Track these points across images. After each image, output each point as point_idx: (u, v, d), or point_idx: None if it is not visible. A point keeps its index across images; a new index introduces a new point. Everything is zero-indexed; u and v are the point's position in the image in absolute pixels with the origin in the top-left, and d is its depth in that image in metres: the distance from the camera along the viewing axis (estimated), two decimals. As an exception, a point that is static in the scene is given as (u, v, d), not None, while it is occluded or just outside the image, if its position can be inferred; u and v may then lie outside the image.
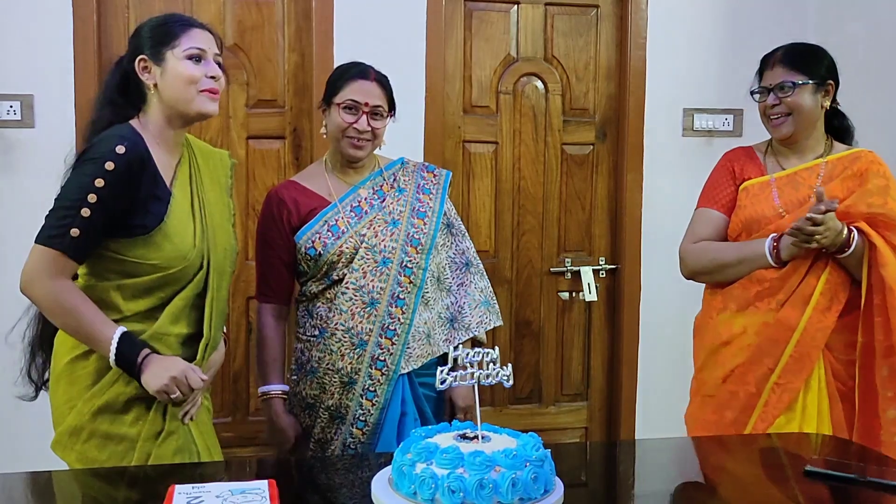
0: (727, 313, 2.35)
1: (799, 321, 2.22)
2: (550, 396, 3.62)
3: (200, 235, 1.94)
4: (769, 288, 2.27)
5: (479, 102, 3.43)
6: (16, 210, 2.97)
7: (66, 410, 1.89)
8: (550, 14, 3.47)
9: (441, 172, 2.43)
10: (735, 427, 2.28)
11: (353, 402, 2.22)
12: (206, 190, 2.01)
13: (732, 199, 2.42)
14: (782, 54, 2.35)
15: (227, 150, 3.11)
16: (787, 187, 2.34)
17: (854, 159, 2.31)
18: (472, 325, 2.34)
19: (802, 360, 2.23)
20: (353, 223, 2.25)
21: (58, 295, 1.81)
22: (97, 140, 1.85)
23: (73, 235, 1.78)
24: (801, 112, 2.30)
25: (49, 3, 2.97)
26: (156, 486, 1.60)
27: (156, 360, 1.83)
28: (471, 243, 2.45)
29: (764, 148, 2.46)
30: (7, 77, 2.96)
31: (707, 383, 2.38)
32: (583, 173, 3.57)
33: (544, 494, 1.41)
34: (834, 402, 2.25)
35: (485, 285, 2.42)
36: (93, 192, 1.78)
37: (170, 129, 1.94)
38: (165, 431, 1.91)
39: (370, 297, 2.21)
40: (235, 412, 3.26)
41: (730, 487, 1.79)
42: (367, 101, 2.22)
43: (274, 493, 1.45)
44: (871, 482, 1.66)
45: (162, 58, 1.89)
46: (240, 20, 3.17)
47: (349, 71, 2.27)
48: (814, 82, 2.30)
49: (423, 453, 1.41)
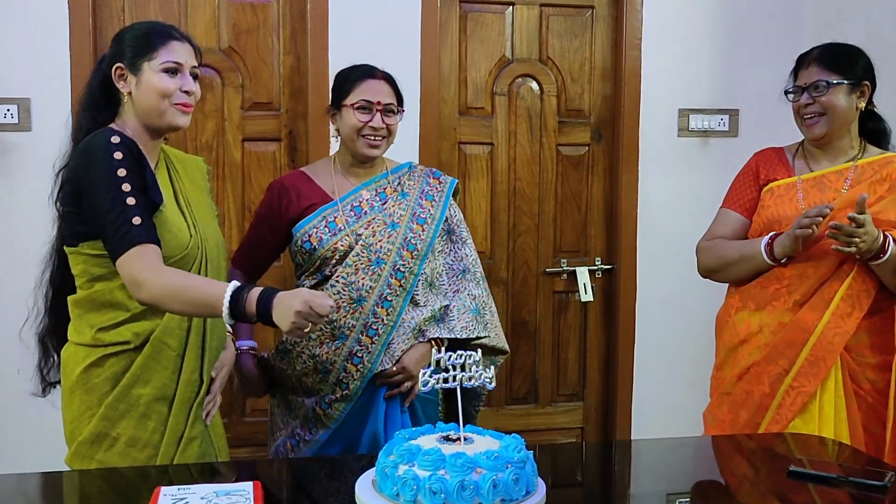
0: (745, 311, 2.34)
1: (817, 324, 2.20)
2: (547, 397, 3.63)
3: (193, 227, 1.96)
4: (788, 285, 2.26)
5: (475, 104, 3.44)
6: (13, 212, 3.00)
7: (86, 420, 1.89)
8: (545, 15, 3.48)
9: (446, 179, 2.43)
10: (749, 427, 2.27)
11: (325, 386, 2.24)
12: (187, 190, 2.04)
13: (754, 201, 2.41)
14: (818, 53, 2.31)
15: (222, 152, 3.18)
16: (812, 189, 2.31)
17: (885, 164, 2.28)
18: (456, 329, 2.31)
19: (818, 363, 2.20)
20: (352, 222, 2.26)
21: (163, 284, 1.78)
22: (88, 147, 1.85)
23: (136, 224, 1.78)
24: (834, 112, 2.26)
25: (46, 8, 2.99)
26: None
27: (277, 301, 1.76)
28: (472, 251, 2.43)
29: (795, 149, 2.43)
30: (4, 81, 2.98)
31: (725, 381, 2.38)
32: (578, 174, 3.57)
33: (526, 496, 1.42)
34: (850, 403, 2.23)
35: (479, 293, 2.39)
36: (122, 182, 1.79)
37: (146, 136, 1.95)
38: (187, 437, 1.93)
39: (358, 294, 2.22)
40: (231, 413, 3.28)
41: (727, 488, 1.79)
42: (379, 100, 2.25)
43: (258, 495, 1.47)
44: (853, 482, 1.67)
45: (138, 68, 1.91)
46: (235, 23, 3.19)
47: (355, 72, 2.29)
48: (849, 82, 2.26)
49: (406, 455, 1.43)
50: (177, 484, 1.55)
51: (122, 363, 1.88)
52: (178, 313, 1.88)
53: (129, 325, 1.89)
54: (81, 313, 1.92)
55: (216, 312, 1.77)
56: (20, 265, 2.96)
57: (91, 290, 1.90)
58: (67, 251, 1.92)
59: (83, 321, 1.92)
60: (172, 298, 1.79)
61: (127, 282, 1.80)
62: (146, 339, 1.89)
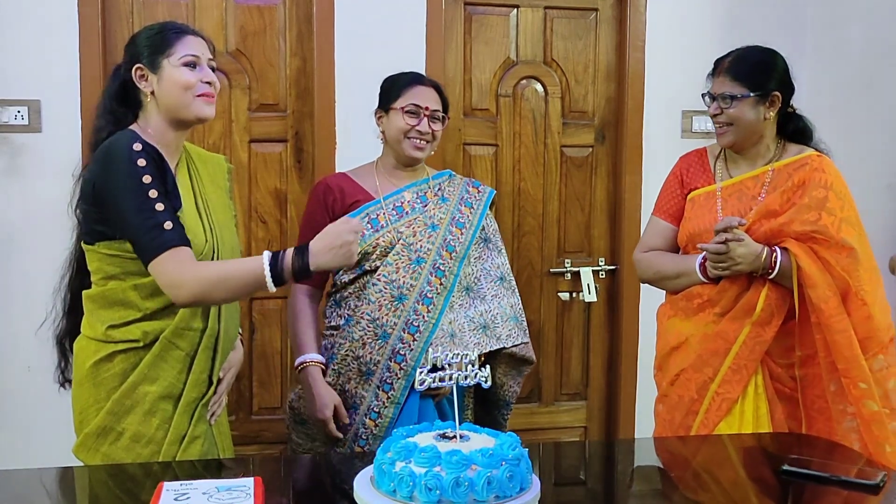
0: (676, 319, 2.39)
1: (738, 334, 2.25)
2: (550, 396, 3.65)
3: (210, 231, 1.99)
4: (708, 300, 2.30)
5: (479, 105, 3.47)
6: (24, 212, 3.04)
7: (94, 413, 1.93)
8: (550, 17, 3.50)
9: (485, 189, 2.51)
10: (683, 429, 2.33)
11: (368, 392, 2.27)
12: (207, 191, 2.06)
13: (680, 209, 2.45)
14: (730, 63, 2.31)
15: (229, 153, 3.22)
16: (731, 198, 2.34)
17: (799, 167, 2.28)
18: (503, 336, 2.39)
19: (740, 371, 2.26)
20: (394, 220, 2.33)
21: (201, 279, 1.83)
22: (109, 152, 1.87)
23: (168, 229, 1.82)
24: (740, 124, 2.28)
25: (55, 11, 3.03)
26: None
27: (313, 251, 1.87)
28: (506, 260, 2.51)
29: (717, 151, 2.45)
30: (15, 83, 3.02)
31: (661, 384, 2.44)
32: (582, 175, 3.60)
33: (520, 492, 1.45)
34: (774, 405, 2.28)
35: (515, 301, 2.47)
36: (148, 188, 1.83)
37: (170, 132, 1.98)
38: (190, 436, 1.96)
39: (399, 292, 2.27)
40: (238, 411, 3.31)
41: (727, 486, 1.81)
42: (428, 105, 2.33)
43: (259, 491, 1.50)
44: (845, 481, 1.69)
45: (158, 66, 1.94)
46: (242, 25, 3.22)
47: (405, 77, 2.38)
48: (756, 95, 2.26)
49: (403, 452, 1.45)
50: (181, 480, 1.58)
51: (131, 360, 1.92)
52: (223, 301, 1.94)
53: (140, 324, 1.92)
54: (94, 308, 1.96)
55: (261, 286, 1.84)
56: (31, 265, 3.02)
57: (104, 288, 1.93)
58: (84, 248, 1.95)
59: (95, 316, 1.95)
60: (215, 289, 1.85)
61: (164, 285, 1.84)
62: (155, 338, 1.92)
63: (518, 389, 2.52)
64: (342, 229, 1.89)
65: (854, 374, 2.16)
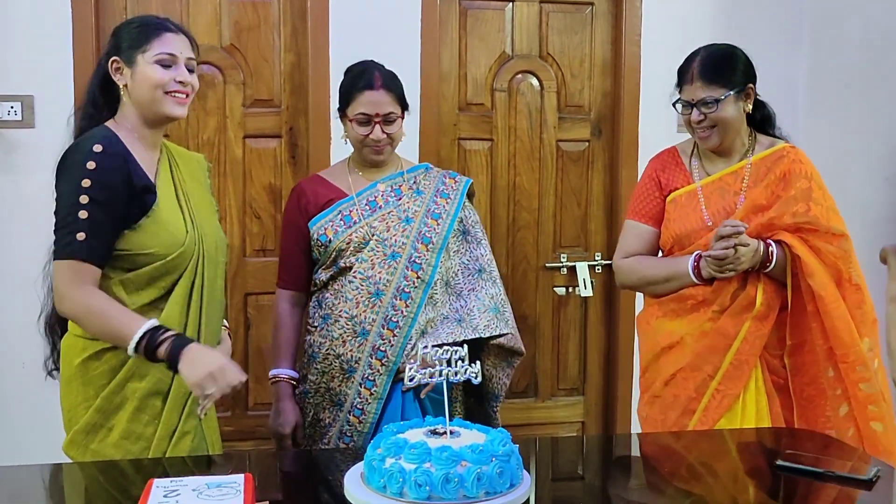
0: (665, 319, 2.37)
1: (738, 330, 2.25)
2: (547, 391, 3.65)
3: (191, 224, 1.99)
4: (703, 301, 2.29)
5: (475, 100, 3.46)
6: (17, 208, 3.03)
7: (83, 410, 1.93)
8: (545, 11, 3.49)
9: (462, 179, 2.48)
10: (678, 427, 2.32)
11: (351, 389, 2.27)
12: (188, 186, 2.07)
13: (660, 210, 2.42)
14: (699, 68, 2.28)
15: (223, 148, 3.21)
16: (713, 195, 2.33)
17: (777, 159, 2.30)
18: (480, 327, 2.33)
19: (742, 366, 2.26)
20: (367, 215, 2.31)
21: (85, 303, 1.85)
22: (73, 145, 1.92)
23: (80, 240, 1.82)
24: (725, 123, 2.27)
25: (49, 5, 3.02)
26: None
27: (189, 351, 1.81)
28: (487, 251, 2.46)
29: (689, 149, 2.44)
30: (8, 78, 3.01)
31: (653, 385, 2.41)
32: (578, 170, 3.59)
33: (510, 488, 1.45)
34: (772, 398, 2.29)
35: (496, 292, 2.41)
36: (83, 193, 1.83)
37: (146, 128, 1.99)
38: (180, 431, 1.96)
39: (375, 288, 2.26)
40: (234, 406, 3.31)
41: (724, 480, 1.81)
42: (378, 112, 2.28)
43: (249, 488, 1.49)
44: (838, 476, 1.69)
45: (133, 61, 1.95)
46: (236, 21, 3.21)
47: (357, 83, 2.30)
48: (734, 92, 2.26)
49: (393, 448, 1.45)
50: (171, 476, 1.58)
51: (120, 357, 1.91)
52: (90, 335, 1.91)
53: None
54: None
55: (124, 346, 1.83)
56: (24, 260, 2.98)
57: None
58: None
59: None
60: (87, 319, 1.87)
61: (54, 288, 1.88)
62: None
63: (507, 382, 2.46)
64: (230, 373, 1.82)
65: (852, 358, 2.19)
